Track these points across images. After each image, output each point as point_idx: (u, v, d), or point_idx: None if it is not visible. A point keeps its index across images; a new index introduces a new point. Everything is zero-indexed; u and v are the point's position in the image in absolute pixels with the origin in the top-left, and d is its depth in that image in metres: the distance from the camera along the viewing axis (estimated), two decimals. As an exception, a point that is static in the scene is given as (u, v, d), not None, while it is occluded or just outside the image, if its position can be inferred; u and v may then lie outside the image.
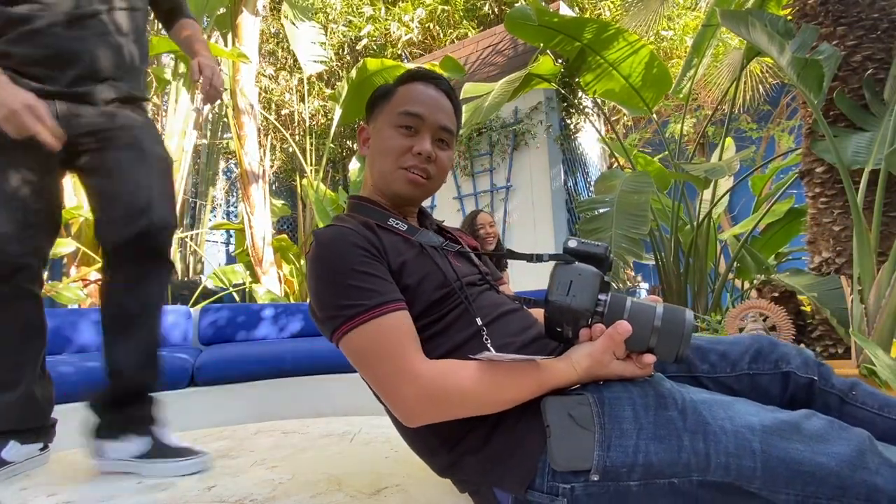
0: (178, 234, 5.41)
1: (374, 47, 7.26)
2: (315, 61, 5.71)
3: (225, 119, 7.21)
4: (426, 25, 6.97)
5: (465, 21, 6.93)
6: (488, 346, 0.76)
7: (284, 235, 5.82)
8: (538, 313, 0.93)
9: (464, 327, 0.79)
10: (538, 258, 0.81)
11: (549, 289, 0.72)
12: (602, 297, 0.72)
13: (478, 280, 0.88)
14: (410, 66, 4.64)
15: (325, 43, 5.95)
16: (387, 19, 6.87)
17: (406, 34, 6.82)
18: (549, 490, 0.67)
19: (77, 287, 4.31)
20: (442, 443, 0.77)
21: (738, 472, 0.62)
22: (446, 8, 6.82)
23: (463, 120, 1.13)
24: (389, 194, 0.90)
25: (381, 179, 0.90)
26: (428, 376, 0.70)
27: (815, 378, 0.78)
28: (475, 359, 0.70)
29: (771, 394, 0.79)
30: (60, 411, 1.88)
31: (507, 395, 0.70)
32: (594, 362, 0.70)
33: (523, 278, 4.24)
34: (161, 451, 1.17)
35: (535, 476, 0.68)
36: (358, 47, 7.24)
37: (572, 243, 0.77)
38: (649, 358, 0.70)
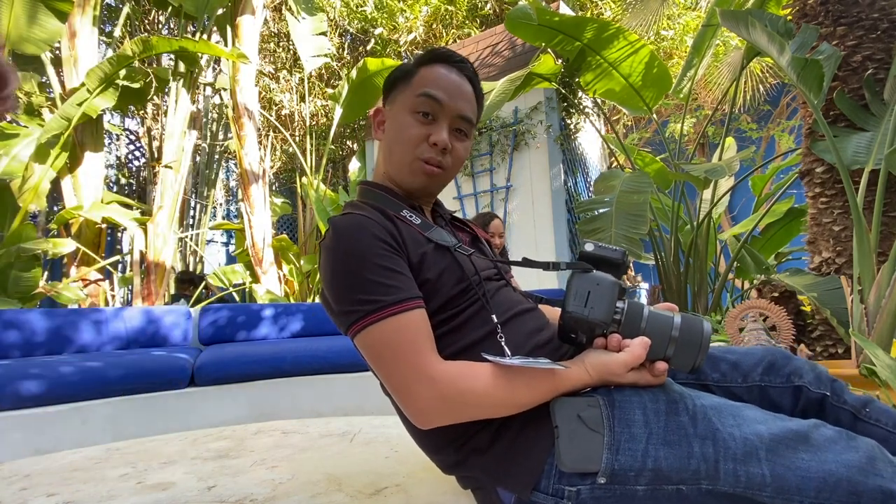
0: (178, 234, 5.41)
1: (380, 44, 7.24)
2: (317, 55, 5.70)
3: (225, 119, 7.21)
4: (430, 24, 6.96)
5: (467, 22, 6.93)
6: (503, 345, 0.74)
7: (284, 235, 5.82)
8: (548, 311, 0.92)
9: (480, 325, 0.77)
10: (555, 266, 0.77)
11: (566, 299, 0.71)
12: (619, 304, 0.71)
13: (494, 275, 0.86)
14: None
15: (326, 32, 5.93)
16: (395, 11, 6.83)
17: (411, 32, 6.81)
18: (555, 492, 0.66)
19: (77, 287, 4.31)
20: (449, 441, 0.76)
21: (748, 481, 0.61)
22: (450, 8, 6.81)
23: None
24: (404, 184, 0.86)
25: (394, 168, 0.85)
26: (443, 378, 0.68)
27: (828, 394, 0.76)
28: (489, 360, 0.69)
29: (781, 407, 0.78)
30: (61, 411, 1.89)
31: (521, 398, 0.69)
32: (609, 372, 0.69)
33: (525, 277, 4.24)
34: None
35: (540, 477, 0.67)
36: (366, 47, 7.23)
37: (589, 247, 0.75)
38: (662, 366, 0.69)
